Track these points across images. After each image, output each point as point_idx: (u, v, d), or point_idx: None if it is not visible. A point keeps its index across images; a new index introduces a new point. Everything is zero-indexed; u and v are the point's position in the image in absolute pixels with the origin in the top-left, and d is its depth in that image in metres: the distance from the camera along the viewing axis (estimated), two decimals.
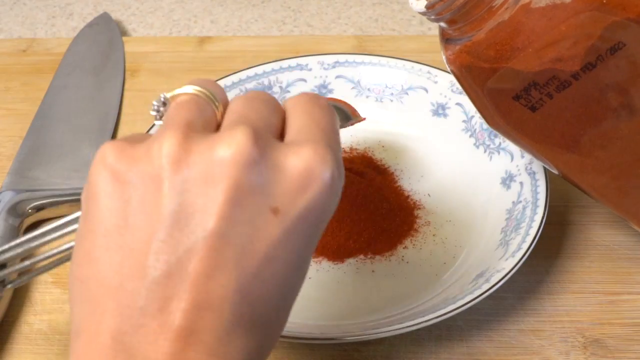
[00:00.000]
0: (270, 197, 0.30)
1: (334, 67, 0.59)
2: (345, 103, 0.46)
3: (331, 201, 0.31)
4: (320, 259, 0.51)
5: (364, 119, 0.47)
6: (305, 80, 0.59)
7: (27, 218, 0.53)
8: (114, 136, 0.61)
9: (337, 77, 0.59)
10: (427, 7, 0.40)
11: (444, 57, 0.42)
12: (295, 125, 0.33)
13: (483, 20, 0.39)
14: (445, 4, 0.39)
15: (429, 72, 0.59)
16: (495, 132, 0.48)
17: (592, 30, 0.37)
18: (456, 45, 0.41)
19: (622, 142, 0.42)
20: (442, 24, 0.42)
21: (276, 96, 0.59)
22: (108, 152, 0.30)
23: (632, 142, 0.42)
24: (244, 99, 0.33)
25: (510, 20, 0.38)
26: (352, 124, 0.45)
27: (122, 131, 0.61)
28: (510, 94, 0.41)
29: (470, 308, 0.44)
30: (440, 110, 0.58)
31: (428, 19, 0.41)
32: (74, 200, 0.55)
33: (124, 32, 0.75)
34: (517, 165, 0.52)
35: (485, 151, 0.55)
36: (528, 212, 0.49)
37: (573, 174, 0.44)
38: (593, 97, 0.40)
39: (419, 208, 0.53)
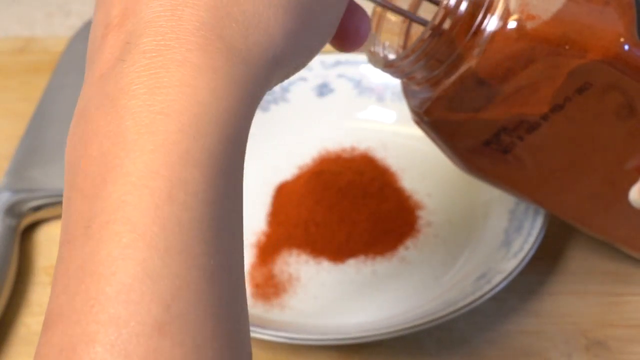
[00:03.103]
0: None
1: (334, 66, 0.59)
2: None
3: None
4: (320, 259, 0.50)
5: None
6: (305, 80, 0.58)
7: (25, 218, 0.53)
8: None
9: (339, 76, 0.59)
10: (386, 65, 0.39)
11: (408, 107, 0.42)
12: None
13: (445, 74, 0.39)
14: (403, 63, 0.38)
15: None
16: None
17: (558, 74, 0.37)
18: (419, 97, 0.41)
19: (599, 172, 0.42)
20: (404, 80, 0.41)
21: (276, 96, 0.58)
22: None
23: (608, 171, 0.42)
24: None
25: (473, 71, 0.38)
26: None
27: None
28: (480, 141, 0.41)
29: (471, 309, 0.44)
30: None
31: (390, 74, 0.40)
32: None
33: None
34: None
35: None
36: (531, 212, 0.48)
37: (555, 207, 0.45)
38: (564, 134, 0.40)
39: (421, 208, 0.53)
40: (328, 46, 0.35)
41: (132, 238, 0.23)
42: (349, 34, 0.34)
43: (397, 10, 0.39)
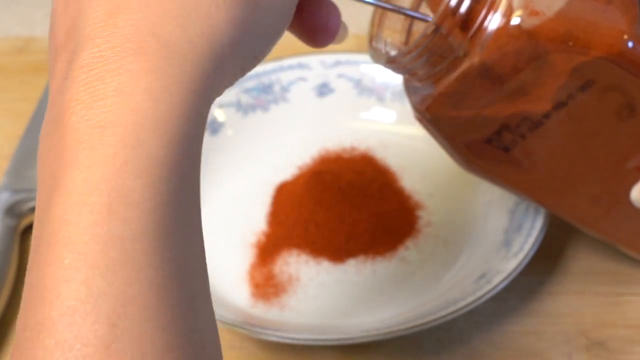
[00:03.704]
0: None
1: (335, 66, 0.58)
2: None
3: None
4: (320, 259, 0.50)
5: None
6: (305, 80, 0.58)
7: (25, 218, 0.53)
8: None
9: (339, 76, 0.59)
10: (388, 61, 0.39)
11: (410, 103, 0.42)
12: None
13: (448, 71, 0.38)
14: (405, 59, 0.38)
15: None
16: None
17: (561, 71, 0.37)
18: (421, 94, 0.40)
19: (600, 172, 0.42)
20: (405, 76, 0.41)
21: (276, 96, 0.58)
22: None
23: (610, 170, 0.42)
24: None
25: (475, 68, 0.38)
26: None
27: None
28: (481, 139, 0.41)
29: (471, 309, 0.44)
30: None
31: (392, 70, 0.40)
32: None
33: None
34: None
35: None
36: (531, 212, 0.48)
37: (555, 207, 0.45)
38: (566, 132, 0.40)
39: (421, 208, 0.53)
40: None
41: (73, 258, 0.23)
42: (317, 28, 0.33)
43: (397, 11, 0.39)
